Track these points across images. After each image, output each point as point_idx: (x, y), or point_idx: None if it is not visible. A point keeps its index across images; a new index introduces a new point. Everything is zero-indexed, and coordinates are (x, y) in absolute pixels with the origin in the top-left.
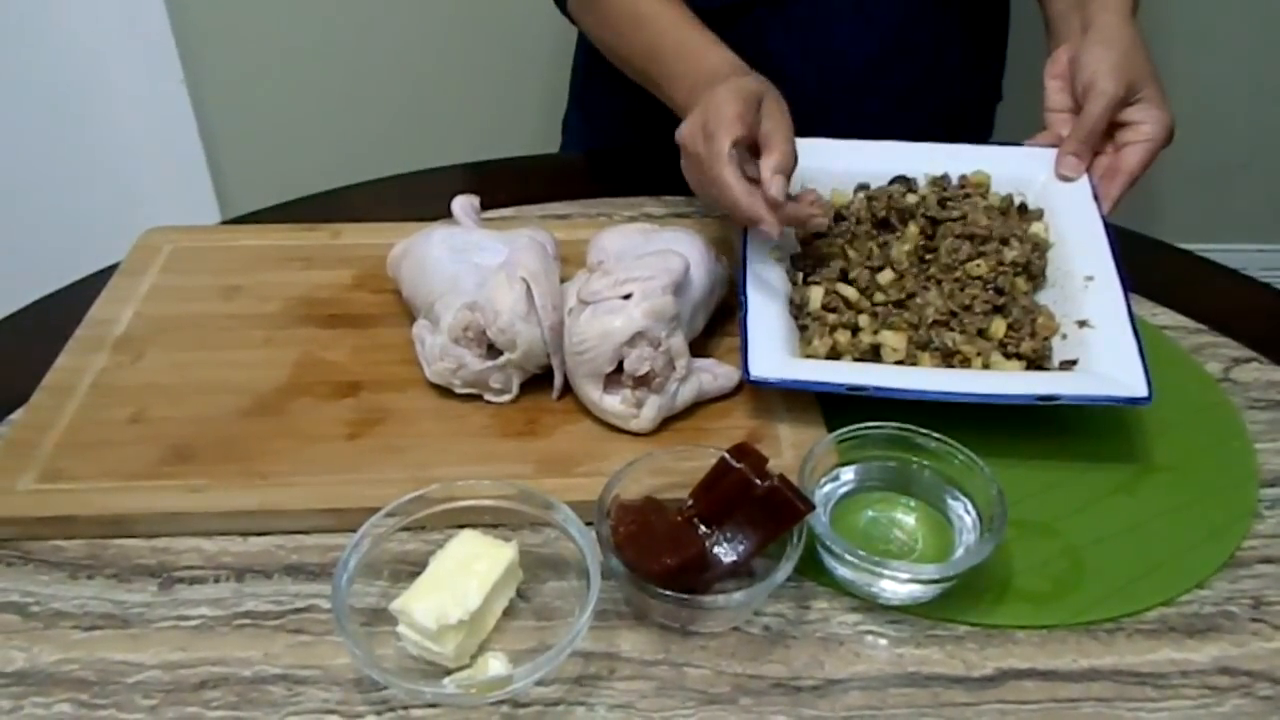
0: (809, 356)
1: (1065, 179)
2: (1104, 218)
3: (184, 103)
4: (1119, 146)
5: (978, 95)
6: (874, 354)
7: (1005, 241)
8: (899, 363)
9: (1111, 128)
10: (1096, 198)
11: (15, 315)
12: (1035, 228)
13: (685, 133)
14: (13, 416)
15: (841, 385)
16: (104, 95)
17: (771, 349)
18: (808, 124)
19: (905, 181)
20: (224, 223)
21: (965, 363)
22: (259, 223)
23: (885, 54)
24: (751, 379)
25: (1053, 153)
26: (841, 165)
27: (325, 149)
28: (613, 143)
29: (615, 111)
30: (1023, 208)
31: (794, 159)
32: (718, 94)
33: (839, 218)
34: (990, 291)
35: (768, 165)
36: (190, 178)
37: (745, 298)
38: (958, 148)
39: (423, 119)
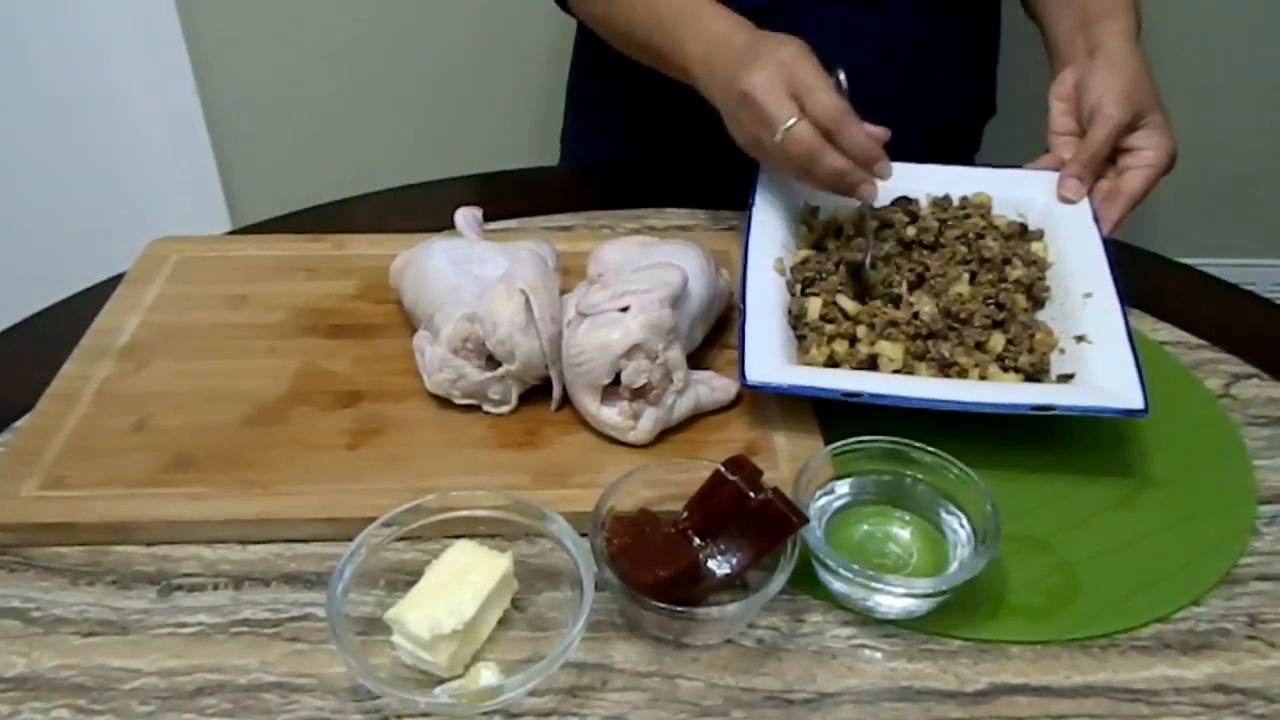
0: (806, 365)
1: (1067, 201)
2: (1104, 238)
3: (196, 113)
4: (1121, 170)
5: (967, 112)
6: (871, 364)
7: (1008, 261)
8: (896, 373)
9: (1114, 152)
10: (1096, 219)
11: (23, 323)
12: (1035, 247)
13: (758, 85)
14: (18, 423)
15: (837, 391)
16: (117, 106)
17: (769, 356)
18: None
19: (907, 201)
20: (230, 233)
21: (962, 374)
22: (264, 233)
23: (870, 64)
24: (748, 384)
25: (1054, 176)
26: None
27: (336, 159)
28: (607, 156)
29: (610, 125)
30: (1023, 229)
31: None
32: (786, 48)
33: (838, 232)
34: (990, 306)
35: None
36: (202, 188)
37: (744, 307)
38: (960, 170)
39: (432, 131)
